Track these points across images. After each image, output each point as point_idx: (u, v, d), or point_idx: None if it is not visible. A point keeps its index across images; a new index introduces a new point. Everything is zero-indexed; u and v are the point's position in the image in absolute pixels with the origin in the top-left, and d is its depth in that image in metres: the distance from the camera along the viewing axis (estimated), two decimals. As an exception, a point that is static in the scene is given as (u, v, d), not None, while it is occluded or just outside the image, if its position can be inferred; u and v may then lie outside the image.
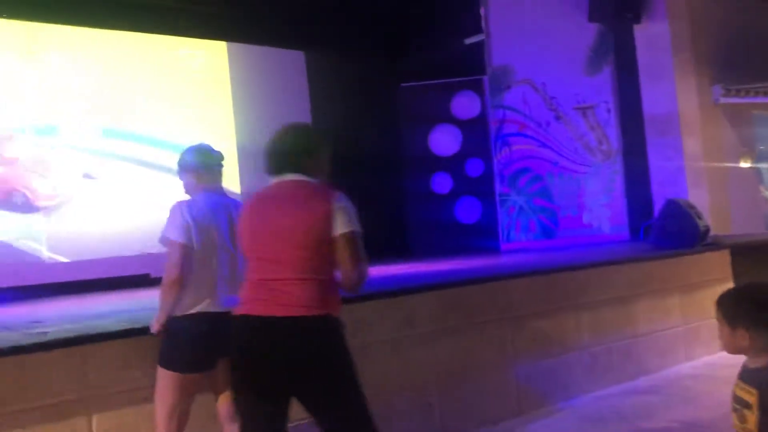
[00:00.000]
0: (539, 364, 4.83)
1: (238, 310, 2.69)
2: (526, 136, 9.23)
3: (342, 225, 2.62)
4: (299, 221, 2.61)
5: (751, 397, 2.18)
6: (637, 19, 8.55)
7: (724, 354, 2.36)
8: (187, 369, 3.04)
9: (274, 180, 2.77)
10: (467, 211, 9.93)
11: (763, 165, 10.32)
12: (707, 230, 6.54)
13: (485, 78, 9.50)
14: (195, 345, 3.04)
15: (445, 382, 4.33)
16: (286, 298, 2.57)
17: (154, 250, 3.23)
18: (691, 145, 8.52)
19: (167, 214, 3.11)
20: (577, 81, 9.01)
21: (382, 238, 9.61)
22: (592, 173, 8.95)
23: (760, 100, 9.08)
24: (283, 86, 9.28)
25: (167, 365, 3.05)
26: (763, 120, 9.87)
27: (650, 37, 8.58)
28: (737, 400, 2.24)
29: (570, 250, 7.79)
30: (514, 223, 9.40)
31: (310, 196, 2.67)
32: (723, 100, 8.85)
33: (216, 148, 3.39)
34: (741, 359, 2.28)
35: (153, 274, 6.92)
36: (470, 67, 9.52)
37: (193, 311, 3.04)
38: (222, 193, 3.27)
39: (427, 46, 9.44)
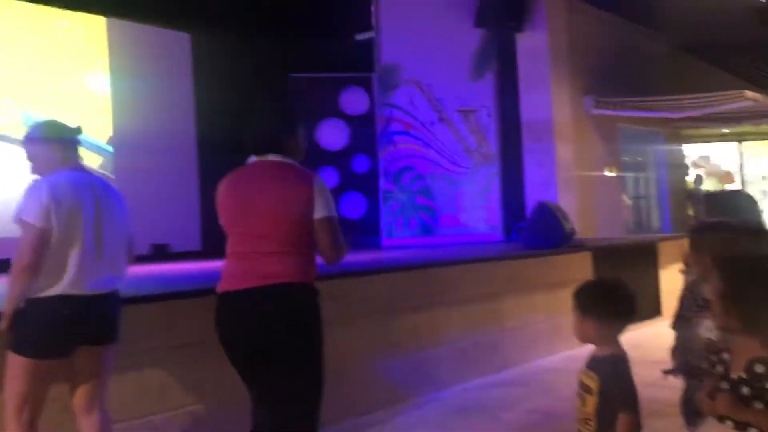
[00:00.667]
0: (410, 358, 4.94)
1: (219, 288, 2.81)
2: (411, 135, 9.43)
3: (321, 209, 2.79)
4: (281, 200, 2.78)
5: (593, 382, 2.36)
6: (519, 28, 8.94)
7: (584, 348, 2.51)
8: (40, 355, 2.81)
9: (254, 159, 2.90)
10: (352, 207, 10.00)
11: (626, 175, 11.08)
12: (572, 232, 6.95)
13: (374, 75, 9.61)
14: (51, 329, 2.83)
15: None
16: (264, 269, 2.72)
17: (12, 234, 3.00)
18: (563, 152, 9.02)
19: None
20: (462, 84, 9.31)
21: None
22: (471, 175, 9.28)
23: (626, 113, 9.74)
24: (165, 67, 8.96)
25: (18, 350, 2.81)
26: (628, 133, 10.60)
27: (530, 46, 9.00)
28: (582, 385, 2.41)
29: (447, 248, 8.03)
30: (396, 220, 9.58)
31: (291, 177, 2.84)
32: (594, 112, 9.43)
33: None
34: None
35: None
36: (360, 63, 9.60)
37: (50, 293, 2.81)
38: (85, 170, 3.09)
39: (318, 39, 9.42)
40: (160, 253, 8.20)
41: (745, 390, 1.84)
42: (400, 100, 9.44)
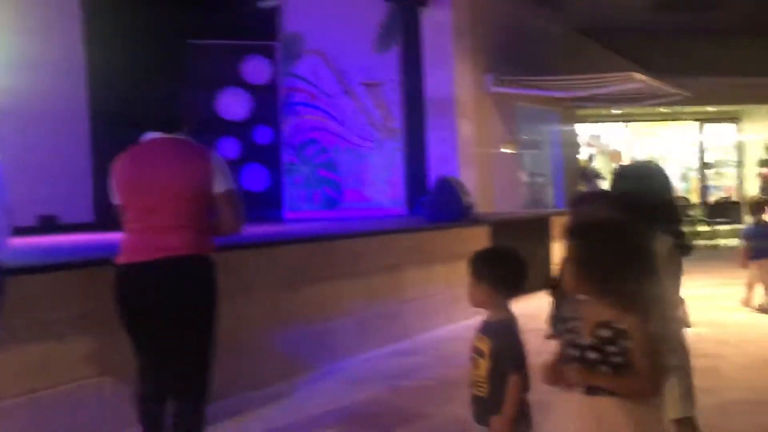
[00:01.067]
0: (311, 329, 4.94)
1: (118, 260, 2.96)
2: (315, 107, 9.33)
3: (221, 183, 2.97)
4: (177, 176, 2.92)
5: (485, 346, 2.43)
6: (424, 2, 8.98)
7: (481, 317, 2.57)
8: None
9: (150, 136, 3.03)
10: (254, 179, 9.82)
11: (523, 152, 11.45)
12: (472, 207, 7.13)
13: (277, 44, 9.41)
14: None
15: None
16: (163, 242, 2.87)
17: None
18: (465, 128, 9.20)
19: None
20: (367, 57, 9.28)
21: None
22: (376, 149, 9.30)
23: (524, 91, 10.03)
24: (51, 26, 8.38)
25: None
26: (526, 112, 10.94)
27: (435, 22, 9.07)
28: (475, 349, 2.48)
29: (350, 221, 8.04)
30: (299, 194, 9.49)
31: (187, 153, 3.00)
32: (494, 89, 9.65)
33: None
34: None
35: None
36: (262, 31, 9.37)
37: None
38: None
39: (218, 5, 9.10)
40: (48, 224, 7.76)
41: (593, 355, 1.91)
42: (304, 70, 9.31)
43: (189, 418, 2.94)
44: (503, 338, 2.41)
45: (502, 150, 10.06)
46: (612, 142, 16.31)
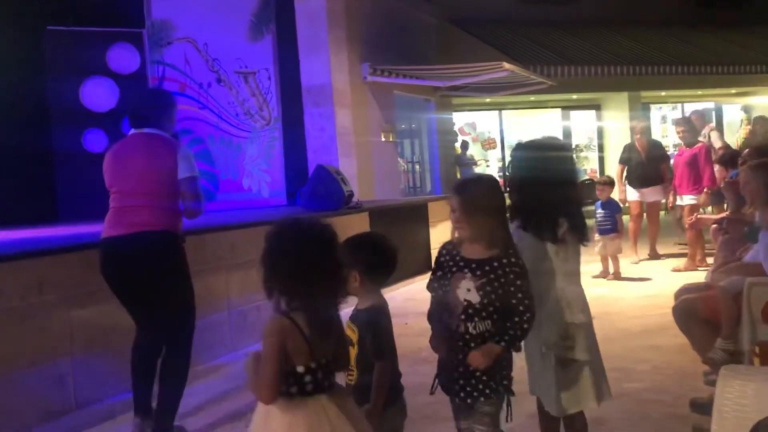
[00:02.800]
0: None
1: (102, 235, 3.60)
2: (187, 96, 9.00)
3: (185, 170, 3.57)
4: (152, 164, 3.57)
5: (353, 335, 2.43)
6: (297, -9, 8.90)
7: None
8: None
9: (131, 132, 3.69)
10: (124, 173, 9.36)
11: (401, 140, 11.65)
12: (351, 194, 7.16)
13: (144, 31, 8.99)
14: None
15: (82, 351, 4.04)
16: (137, 219, 3.50)
17: None
18: (342, 117, 9.22)
19: None
20: (240, 45, 9.06)
21: (27, 200, 8.58)
22: (253, 139, 9.13)
23: (400, 81, 10.19)
24: None
25: None
26: (403, 100, 11.13)
27: (309, 10, 9.01)
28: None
29: (228, 213, 7.86)
30: (174, 186, 9.16)
31: (159, 146, 3.62)
32: (370, 78, 9.73)
33: None
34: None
35: None
36: (128, 17, 8.90)
37: None
38: None
39: (79, -12, 8.57)
40: None
41: None
42: (174, 58, 8.95)
43: (172, 362, 3.60)
44: (368, 325, 2.41)
45: (381, 138, 10.18)
46: (487, 130, 16.93)
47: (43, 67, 8.83)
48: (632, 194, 8.46)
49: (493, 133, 16.93)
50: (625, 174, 8.50)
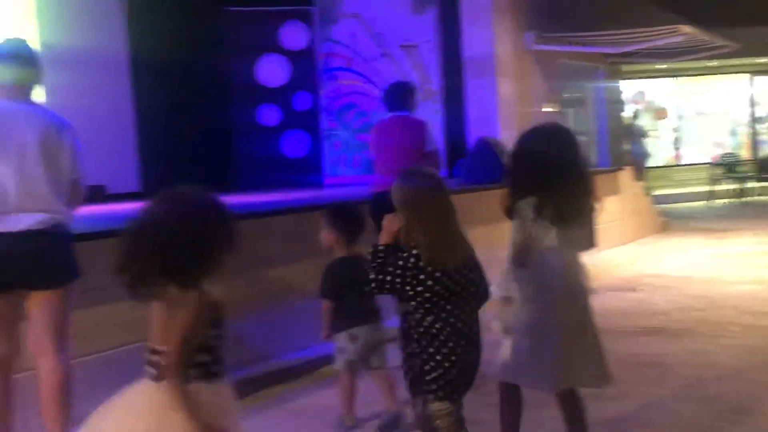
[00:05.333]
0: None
1: (372, 190, 4.53)
2: (352, 71, 9.28)
3: (430, 145, 4.69)
4: (405, 139, 4.70)
5: None
6: (461, -39, 8.79)
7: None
8: None
9: (390, 114, 4.81)
10: (294, 145, 9.87)
11: (566, 110, 11.23)
12: (513, 167, 7.04)
13: (314, 8, 9.35)
14: None
15: (259, 310, 4.36)
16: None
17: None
18: (504, 87, 9.04)
19: None
20: (404, 19, 9.15)
21: (207, 170, 9.34)
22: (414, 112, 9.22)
23: (567, 48, 9.79)
24: (93, 7, 8.46)
25: None
26: (569, 69, 10.69)
27: (472, -20, 8.87)
28: None
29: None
30: (340, 158, 9.52)
31: (410, 125, 4.78)
32: (535, 47, 9.43)
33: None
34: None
35: None
36: (298, -4, 9.32)
37: None
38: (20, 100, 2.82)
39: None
40: (96, 195, 7.95)
41: None
42: (341, 34, 9.24)
43: None
44: (325, 269, 3.29)
45: (544, 109, 9.88)
46: (658, 99, 15.87)
47: (221, 46, 9.49)
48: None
49: (666, 102, 15.85)
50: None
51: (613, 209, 8.41)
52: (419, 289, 2.15)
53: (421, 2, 9.14)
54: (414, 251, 2.15)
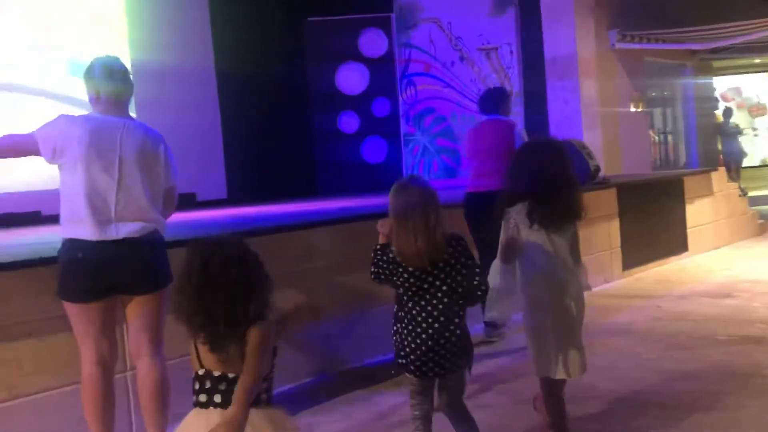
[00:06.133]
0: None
1: (468, 190, 4.87)
2: (431, 76, 9.28)
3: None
4: (496, 142, 4.83)
5: None
6: (540, -39, 8.66)
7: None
8: (72, 298, 2.85)
9: (484, 118, 4.96)
10: (373, 151, 9.97)
11: (652, 110, 10.85)
12: (597, 169, 6.85)
13: (392, 15, 9.42)
14: (72, 273, 2.84)
15: (343, 315, 4.42)
16: (488, 181, 4.50)
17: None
18: (587, 88, 8.83)
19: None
20: (482, 22, 9.09)
21: (289, 177, 9.58)
22: (494, 114, 9.13)
23: (652, 46, 9.47)
24: (182, 16, 8.84)
25: (59, 294, 2.89)
26: (654, 67, 10.33)
27: (553, -21, 8.71)
28: None
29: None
30: (418, 163, 9.54)
31: (502, 128, 4.91)
32: (619, 46, 9.17)
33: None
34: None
35: (44, 212, 6.62)
36: (377, 3, 9.41)
37: (69, 236, 2.86)
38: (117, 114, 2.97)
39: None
40: (187, 202, 8.27)
41: None
42: (419, 40, 9.27)
43: None
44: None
45: (629, 108, 9.58)
46: (755, 94, 15.10)
47: (304, 55, 9.70)
48: None
49: (763, 98, 15.05)
50: None
51: (706, 211, 8.05)
52: (396, 280, 2.56)
53: (501, 4, 9.05)
54: (394, 248, 2.55)
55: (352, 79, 9.74)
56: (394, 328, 2.60)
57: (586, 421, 3.24)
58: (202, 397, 1.98)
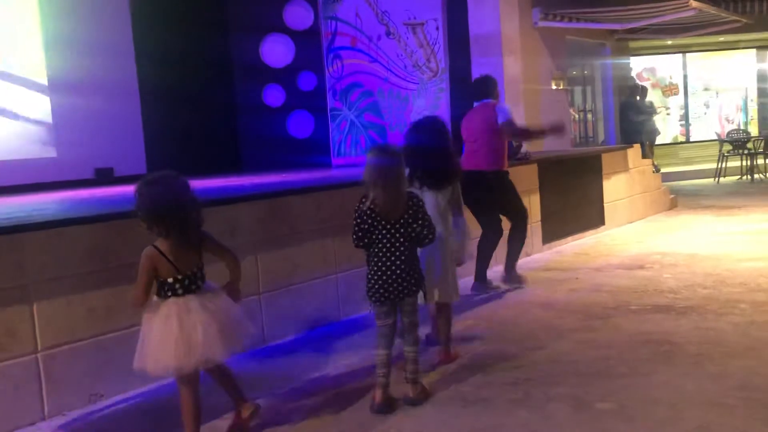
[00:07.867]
0: (359, 272, 4.99)
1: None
2: (357, 50, 9.19)
3: (502, 118, 5.40)
4: (483, 123, 5.48)
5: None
6: (466, -63, 8.67)
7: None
8: None
9: (476, 103, 5.59)
10: (300, 126, 9.84)
11: (573, 88, 11.14)
12: (519, 146, 7.00)
13: (318, -13, 9.25)
14: None
15: (269, 291, 4.37)
16: (478, 160, 5.37)
17: None
18: (510, 66, 8.97)
19: None
20: (409, -3, 9.03)
21: (213, 151, 9.35)
22: (420, 90, 9.15)
23: (573, 25, 9.69)
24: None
25: None
26: (575, 46, 10.59)
27: (478, -44, 8.76)
28: None
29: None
30: (345, 139, 9.48)
31: (489, 110, 5.49)
32: (541, 24, 9.35)
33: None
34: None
35: None
36: (302, -26, 9.22)
37: None
38: None
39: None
40: (105, 176, 7.99)
41: None
42: (346, 13, 9.15)
43: (515, 235, 5.63)
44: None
45: (551, 86, 9.80)
46: (668, 75, 15.72)
47: (227, 26, 9.43)
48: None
49: (675, 78, 15.69)
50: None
51: (621, 187, 8.37)
52: (366, 228, 3.16)
53: (427, -20, 9.02)
54: (371, 205, 3.14)
55: (276, 51, 9.54)
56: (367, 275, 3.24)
57: (508, 389, 3.34)
58: (180, 291, 2.77)
